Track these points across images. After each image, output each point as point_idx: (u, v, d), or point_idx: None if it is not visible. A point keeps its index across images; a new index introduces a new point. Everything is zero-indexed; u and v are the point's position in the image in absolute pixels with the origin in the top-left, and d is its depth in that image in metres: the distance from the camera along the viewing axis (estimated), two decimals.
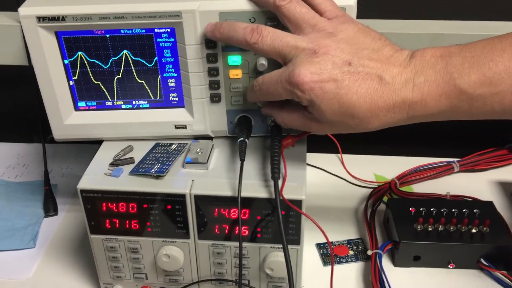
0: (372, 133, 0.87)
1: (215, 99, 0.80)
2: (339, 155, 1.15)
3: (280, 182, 0.74)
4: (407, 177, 1.08)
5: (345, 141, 1.01)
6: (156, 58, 0.79)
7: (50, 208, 1.02)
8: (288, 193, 0.73)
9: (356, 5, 0.74)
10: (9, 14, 1.03)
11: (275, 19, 0.74)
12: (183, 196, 0.75)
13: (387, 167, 1.14)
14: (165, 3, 0.73)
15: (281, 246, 0.78)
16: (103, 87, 0.81)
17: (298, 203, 0.73)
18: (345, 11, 0.73)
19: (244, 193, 0.73)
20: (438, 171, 1.09)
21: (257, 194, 0.74)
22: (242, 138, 0.78)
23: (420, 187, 1.08)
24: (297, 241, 0.77)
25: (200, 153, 0.80)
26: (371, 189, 1.08)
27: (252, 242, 0.78)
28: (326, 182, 1.11)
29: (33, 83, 1.03)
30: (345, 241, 0.96)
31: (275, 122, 0.79)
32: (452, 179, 1.10)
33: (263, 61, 0.76)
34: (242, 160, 0.75)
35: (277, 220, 0.71)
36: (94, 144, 1.21)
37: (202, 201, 0.75)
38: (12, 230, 0.97)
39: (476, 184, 1.08)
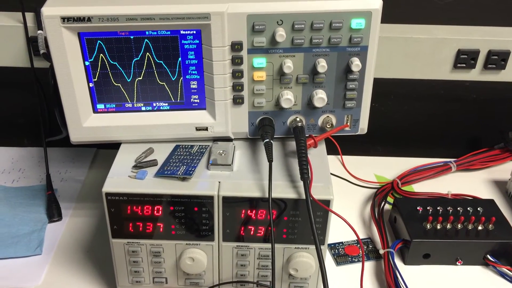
0: (369, 134, 0.90)
1: (238, 101, 0.80)
2: (339, 156, 1.17)
3: None
4: (407, 177, 1.11)
5: (344, 142, 1.03)
6: (179, 60, 0.78)
7: (54, 214, 0.99)
8: (317, 194, 0.74)
9: (381, 9, 0.76)
10: (11, 14, 1.00)
11: (302, 22, 0.75)
12: (211, 198, 0.75)
13: (385, 167, 1.17)
14: (193, 4, 0.73)
15: (305, 246, 0.79)
16: (123, 89, 0.80)
17: (327, 202, 0.74)
18: (370, 15, 0.75)
19: (274, 194, 0.74)
20: (436, 171, 1.13)
21: (287, 195, 0.75)
22: (267, 139, 0.78)
23: (420, 186, 1.11)
24: (322, 241, 0.78)
25: (223, 154, 0.80)
26: (373, 189, 1.10)
27: (277, 243, 0.79)
28: None
29: (36, 86, 1.02)
30: (354, 241, 0.97)
31: (297, 124, 0.80)
32: (449, 178, 1.14)
33: (289, 64, 0.77)
34: (270, 161, 0.76)
35: (309, 221, 0.72)
36: (91, 147, 1.20)
37: (230, 202, 0.75)
38: (17, 236, 0.94)
39: (472, 183, 1.12)
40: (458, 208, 0.96)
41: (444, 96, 1.16)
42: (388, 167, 1.17)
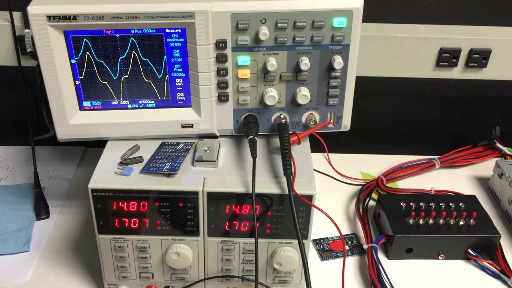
0: (355, 132, 0.91)
1: (223, 98, 0.82)
2: (325, 154, 1.19)
3: None
4: (392, 174, 1.13)
5: (330, 140, 1.05)
6: (165, 58, 0.79)
7: (42, 211, 1.00)
8: (300, 189, 0.76)
9: (363, 8, 0.77)
10: None
11: (284, 21, 0.76)
12: (196, 193, 0.76)
13: (371, 165, 1.19)
14: (178, 3, 0.74)
15: (289, 241, 0.81)
16: (109, 87, 0.81)
17: (309, 197, 0.76)
18: (352, 14, 0.77)
19: (258, 190, 0.75)
20: (420, 168, 1.14)
21: (270, 190, 0.76)
22: (252, 136, 0.80)
23: (405, 183, 1.13)
24: (305, 235, 0.80)
25: (208, 151, 0.81)
26: (358, 186, 1.12)
27: (261, 237, 0.80)
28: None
29: (24, 85, 1.02)
30: (339, 236, 0.99)
31: (281, 121, 0.82)
32: (433, 175, 1.16)
33: (272, 61, 0.78)
34: (254, 157, 0.77)
35: (292, 215, 0.73)
36: (79, 146, 1.21)
37: (214, 198, 0.77)
38: (5, 234, 0.95)
39: (455, 180, 1.14)
40: (441, 204, 0.98)
41: (428, 94, 1.18)
42: (374, 165, 1.18)
